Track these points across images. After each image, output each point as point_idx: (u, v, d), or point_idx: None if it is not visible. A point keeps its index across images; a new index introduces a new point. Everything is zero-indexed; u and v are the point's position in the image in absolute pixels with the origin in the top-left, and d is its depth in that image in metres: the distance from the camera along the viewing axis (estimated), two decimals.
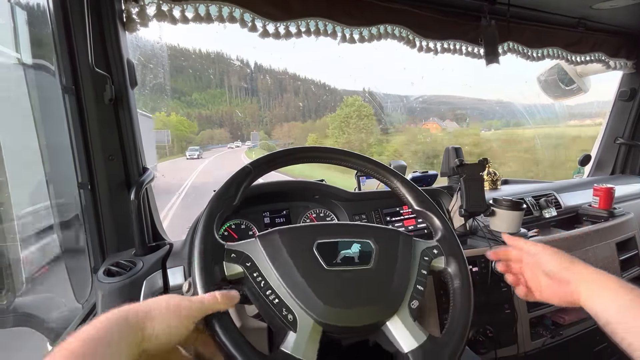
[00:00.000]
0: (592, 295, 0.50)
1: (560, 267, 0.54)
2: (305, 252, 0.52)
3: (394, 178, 0.66)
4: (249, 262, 0.50)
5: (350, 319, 0.48)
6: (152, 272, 0.78)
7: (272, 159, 0.61)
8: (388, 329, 0.50)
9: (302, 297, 0.47)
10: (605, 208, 1.30)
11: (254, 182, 0.59)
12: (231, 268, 0.49)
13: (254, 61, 28.00)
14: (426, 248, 0.59)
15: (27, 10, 0.81)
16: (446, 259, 0.58)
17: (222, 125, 22.64)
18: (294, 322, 0.46)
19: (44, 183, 0.86)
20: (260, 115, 26.50)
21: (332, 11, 1.05)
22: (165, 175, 10.57)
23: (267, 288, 0.48)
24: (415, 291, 0.53)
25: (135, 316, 0.37)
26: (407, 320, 0.50)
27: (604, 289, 0.49)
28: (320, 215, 1.03)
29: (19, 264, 0.79)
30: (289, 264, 0.50)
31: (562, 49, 1.51)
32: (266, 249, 0.51)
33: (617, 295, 0.48)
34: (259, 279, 0.49)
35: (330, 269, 0.51)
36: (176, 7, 0.88)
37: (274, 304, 0.47)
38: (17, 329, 0.82)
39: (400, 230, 0.61)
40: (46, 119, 0.86)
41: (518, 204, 1.05)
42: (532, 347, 1.03)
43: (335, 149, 0.67)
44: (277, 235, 0.53)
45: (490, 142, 6.06)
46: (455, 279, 0.57)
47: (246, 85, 26.67)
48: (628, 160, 1.87)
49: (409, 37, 1.21)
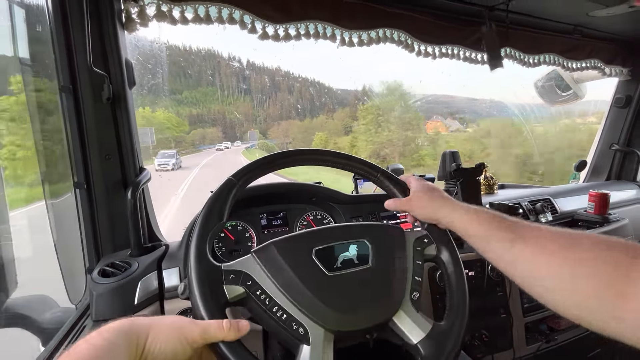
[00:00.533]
0: (452, 228, 0.59)
1: (425, 218, 0.62)
2: (304, 261, 0.51)
3: (375, 171, 0.67)
4: (250, 280, 0.48)
5: (360, 321, 0.49)
6: (148, 273, 0.78)
7: (254, 168, 0.60)
8: (395, 324, 0.51)
9: (309, 308, 0.47)
10: (600, 214, 1.31)
11: (239, 194, 0.57)
12: (232, 290, 0.47)
13: (247, 59, 27.66)
14: (417, 238, 0.60)
15: (25, 8, 0.81)
16: (437, 246, 0.60)
17: (214, 124, 21.62)
18: (306, 335, 0.45)
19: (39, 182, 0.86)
20: (254, 114, 25.94)
21: (331, 14, 1.05)
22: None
23: (273, 305, 0.47)
24: (414, 282, 0.54)
25: (137, 330, 0.37)
26: (411, 312, 0.51)
27: (454, 225, 0.58)
28: (317, 218, 1.03)
29: (12, 264, 0.78)
30: (290, 276, 0.49)
31: (558, 56, 1.52)
32: (265, 264, 0.50)
33: (467, 228, 0.56)
34: (263, 296, 0.47)
35: (333, 274, 0.51)
36: (176, 7, 0.88)
37: (282, 320, 0.46)
38: (9, 329, 0.81)
39: (389, 224, 0.62)
40: (42, 118, 0.86)
41: (514, 209, 1.05)
42: (527, 351, 1.03)
43: (317, 150, 0.67)
44: (273, 248, 0.52)
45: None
46: (448, 265, 0.59)
47: (240, 84, 26.31)
48: (623, 167, 1.89)
49: (408, 42, 1.22)
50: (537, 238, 0.47)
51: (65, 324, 0.76)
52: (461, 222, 0.57)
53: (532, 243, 0.47)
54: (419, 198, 0.62)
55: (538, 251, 0.46)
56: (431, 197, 0.61)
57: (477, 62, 1.37)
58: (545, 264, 0.45)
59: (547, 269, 0.44)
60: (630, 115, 1.80)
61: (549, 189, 1.58)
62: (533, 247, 0.47)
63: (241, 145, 19.76)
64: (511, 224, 0.52)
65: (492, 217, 0.54)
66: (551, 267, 0.44)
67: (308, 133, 18.01)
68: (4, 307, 0.78)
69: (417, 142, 11.99)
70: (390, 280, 0.53)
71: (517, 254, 0.48)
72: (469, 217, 0.56)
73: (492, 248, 0.52)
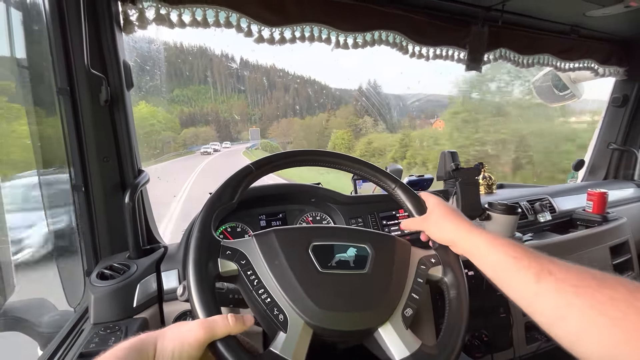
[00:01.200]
0: (468, 256, 0.55)
1: (439, 238, 0.59)
2: (300, 254, 0.52)
3: (394, 184, 0.66)
4: (244, 259, 0.50)
5: (342, 323, 0.48)
6: (146, 275, 0.77)
7: (275, 160, 0.61)
8: (380, 336, 0.49)
9: (294, 298, 0.47)
10: (599, 212, 1.31)
11: (253, 183, 0.59)
12: (225, 265, 0.49)
13: (240, 56, 27.27)
14: (423, 257, 0.58)
15: (22, 10, 0.81)
16: (443, 268, 0.58)
17: (207, 123, 20.67)
18: (285, 322, 0.46)
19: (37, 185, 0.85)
20: (249, 112, 25.28)
21: (327, 16, 1.05)
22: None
23: (260, 287, 0.48)
24: (410, 299, 0.53)
25: (147, 344, 0.38)
26: (399, 328, 0.50)
27: (471, 252, 0.54)
28: (316, 219, 1.03)
29: (9, 267, 0.78)
30: (283, 264, 0.50)
31: (553, 57, 1.53)
32: (262, 247, 0.51)
33: (486, 256, 0.51)
34: (253, 277, 0.49)
35: (325, 272, 0.51)
36: (173, 11, 0.89)
37: (265, 303, 0.47)
38: (7, 333, 0.80)
39: (398, 236, 0.61)
40: (39, 120, 0.85)
41: (513, 208, 1.05)
42: (527, 350, 1.03)
43: (344, 155, 0.67)
44: (273, 235, 0.53)
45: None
46: (451, 289, 0.56)
47: (234, 82, 25.90)
48: (621, 165, 1.90)
49: (403, 44, 1.22)
50: (566, 273, 0.43)
51: (63, 327, 0.76)
52: (479, 247, 0.52)
53: (560, 278, 0.43)
54: (436, 217, 0.60)
55: (566, 287, 0.42)
56: (449, 218, 0.58)
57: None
58: (573, 301, 0.40)
59: (575, 307, 0.40)
60: (627, 114, 1.81)
61: (548, 188, 1.58)
62: (561, 282, 0.42)
63: (232, 147, 17.86)
64: (536, 255, 0.47)
65: (514, 245, 0.50)
66: (579, 306, 0.39)
67: (308, 132, 17.00)
68: (2, 311, 0.78)
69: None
70: (383, 291, 0.52)
71: (542, 288, 0.44)
72: (489, 242, 0.52)
73: (513, 280, 0.47)
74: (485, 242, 0.52)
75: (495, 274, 0.50)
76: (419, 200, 0.64)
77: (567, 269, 0.44)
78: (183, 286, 0.49)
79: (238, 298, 0.61)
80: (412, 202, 0.64)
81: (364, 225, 1.02)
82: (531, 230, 1.28)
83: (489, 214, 1.08)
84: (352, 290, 0.50)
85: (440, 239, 0.59)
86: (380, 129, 13.70)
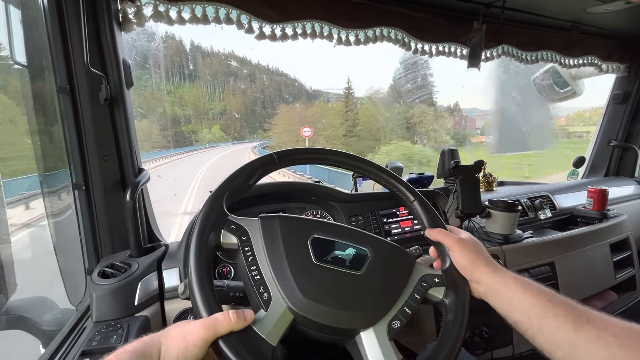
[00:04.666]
0: (493, 297, 0.53)
1: (464, 265, 0.55)
2: (298, 242, 0.53)
3: (413, 196, 0.66)
4: (245, 236, 0.51)
5: (323, 316, 0.47)
6: (148, 273, 0.77)
7: (296, 153, 0.63)
8: (361, 341, 0.48)
9: (282, 281, 0.48)
10: (599, 210, 1.31)
11: (270, 173, 0.62)
12: (227, 237, 0.51)
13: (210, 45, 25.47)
14: (427, 274, 0.56)
15: (21, 9, 0.80)
16: (446, 290, 0.55)
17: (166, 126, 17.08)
18: (268, 301, 0.46)
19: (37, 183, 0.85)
20: (207, 107, 22.95)
21: (328, 13, 1.05)
22: None
23: (253, 264, 0.49)
24: (401, 312, 0.51)
25: (150, 346, 0.39)
26: (382, 338, 0.48)
27: (500, 291, 0.51)
28: (316, 217, 1.03)
29: (11, 266, 0.78)
30: (279, 249, 0.51)
31: (556, 53, 1.53)
32: (264, 229, 0.53)
33: (517, 298, 0.49)
34: (249, 253, 0.50)
35: (318, 264, 0.51)
36: (173, 7, 0.88)
37: (254, 280, 0.48)
38: (9, 331, 0.81)
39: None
40: (39, 119, 0.85)
41: (513, 206, 1.05)
42: (527, 347, 1.03)
43: (367, 160, 0.68)
44: (277, 220, 0.54)
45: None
46: (450, 312, 0.54)
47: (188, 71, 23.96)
48: (621, 163, 1.90)
49: (405, 40, 1.21)
50: (602, 320, 0.41)
51: (65, 325, 0.76)
52: (509, 291, 0.49)
53: (598, 326, 0.40)
54: (469, 245, 0.56)
55: (605, 337, 0.39)
56: (482, 252, 0.55)
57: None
58: (616, 352, 0.38)
59: (619, 359, 0.38)
60: (628, 111, 1.80)
61: (548, 185, 1.58)
62: (600, 331, 0.40)
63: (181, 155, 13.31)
64: (571, 302, 0.45)
65: (545, 290, 0.47)
66: (624, 358, 0.38)
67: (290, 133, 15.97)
68: (4, 309, 0.78)
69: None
70: (373, 297, 0.51)
71: (580, 337, 0.41)
72: (521, 286, 0.48)
73: (547, 328, 0.44)
74: (515, 286, 0.49)
75: (528, 319, 0.47)
76: (436, 220, 0.63)
77: (603, 318, 0.42)
78: (184, 284, 0.49)
79: (239, 296, 0.61)
80: (427, 217, 0.64)
81: (364, 223, 1.02)
82: (531, 227, 1.28)
83: (490, 212, 1.08)
84: (341, 288, 0.50)
85: (462, 266, 0.55)
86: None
